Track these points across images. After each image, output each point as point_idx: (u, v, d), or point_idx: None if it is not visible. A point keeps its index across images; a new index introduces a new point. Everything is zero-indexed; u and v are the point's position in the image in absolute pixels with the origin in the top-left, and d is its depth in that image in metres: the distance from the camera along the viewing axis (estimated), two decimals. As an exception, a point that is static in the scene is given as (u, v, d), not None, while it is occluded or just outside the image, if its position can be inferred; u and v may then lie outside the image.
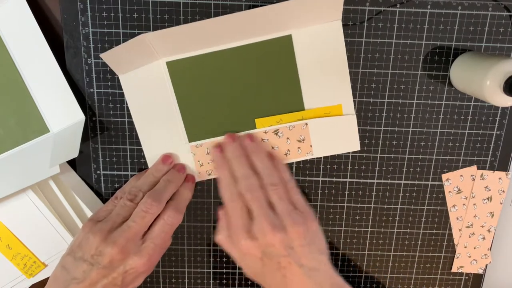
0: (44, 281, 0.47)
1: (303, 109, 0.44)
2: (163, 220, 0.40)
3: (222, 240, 0.41)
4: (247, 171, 0.41)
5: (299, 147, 0.45)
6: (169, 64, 0.42)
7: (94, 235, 0.38)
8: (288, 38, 0.42)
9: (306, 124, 0.44)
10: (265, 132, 0.44)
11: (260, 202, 0.39)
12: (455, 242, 0.49)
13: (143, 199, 0.40)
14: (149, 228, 0.40)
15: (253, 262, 0.39)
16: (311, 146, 0.45)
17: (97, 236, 0.38)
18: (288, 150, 0.45)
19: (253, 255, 0.38)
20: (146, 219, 0.39)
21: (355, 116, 0.44)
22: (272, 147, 0.45)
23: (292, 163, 0.46)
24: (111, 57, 0.40)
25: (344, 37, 0.42)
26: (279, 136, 0.44)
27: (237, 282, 0.50)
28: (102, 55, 0.39)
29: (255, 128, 0.44)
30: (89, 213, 0.46)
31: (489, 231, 0.48)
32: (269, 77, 0.43)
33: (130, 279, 0.38)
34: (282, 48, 0.42)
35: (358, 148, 0.45)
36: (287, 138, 0.44)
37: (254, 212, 0.39)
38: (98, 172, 0.46)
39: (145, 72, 0.42)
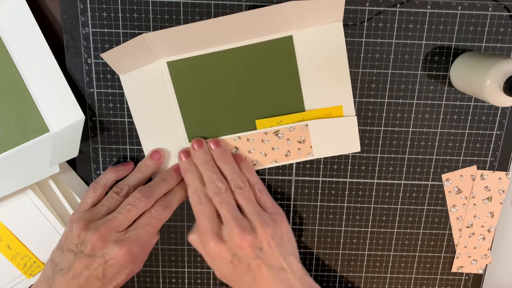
0: (44, 281, 0.47)
1: (304, 110, 0.44)
2: (150, 213, 0.40)
3: (194, 240, 0.41)
4: (213, 176, 0.41)
5: (299, 148, 0.45)
6: (170, 64, 0.42)
7: (77, 224, 0.38)
8: (289, 39, 0.42)
9: (307, 125, 0.44)
10: (265, 133, 0.44)
11: (228, 205, 0.39)
12: (455, 242, 0.49)
13: (133, 193, 0.40)
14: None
15: (223, 265, 0.39)
16: (311, 147, 0.45)
17: (80, 224, 0.38)
18: (288, 151, 0.45)
19: (222, 257, 0.39)
20: (132, 213, 0.39)
21: (355, 118, 0.44)
22: (273, 148, 0.45)
23: (292, 163, 0.46)
24: (111, 57, 0.40)
25: (344, 37, 0.42)
26: (279, 137, 0.44)
27: (237, 282, 0.50)
28: (102, 55, 0.39)
29: (255, 128, 0.44)
30: (89, 213, 0.46)
31: (489, 231, 0.48)
32: (270, 78, 0.43)
33: (111, 272, 0.38)
34: (283, 49, 0.42)
35: (358, 149, 0.45)
36: (287, 139, 0.44)
37: (222, 215, 0.39)
38: (98, 172, 0.46)
39: (145, 72, 0.42)
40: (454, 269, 0.50)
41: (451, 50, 0.43)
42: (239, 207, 0.40)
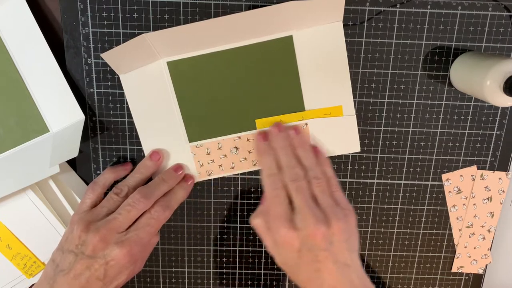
0: (44, 281, 0.47)
1: (304, 110, 0.44)
2: (150, 214, 0.40)
3: (258, 224, 0.40)
4: (293, 161, 0.40)
5: None
6: (170, 64, 0.42)
7: (77, 225, 0.38)
8: (289, 39, 0.42)
9: (306, 124, 0.44)
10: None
11: (304, 193, 0.38)
12: (455, 242, 0.49)
13: (133, 194, 0.40)
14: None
15: (289, 253, 0.37)
16: None
17: (80, 226, 0.38)
18: None
19: (291, 245, 0.37)
20: (131, 213, 0.39)
21: (355, 117, 0.44)
22: None
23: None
24: (111, 57, 0.40)
25: (344, 37, 0.42)
26: None
27: (237, 282, 0.50)
28: (103, 55, 0.39)
29: (255, 128, 0.44)
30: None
31: (489, 231, 0.48)
32: (270, 77, 0.43)
33: (112, 273, 0.38)
34: (283, 49, 0.42)
35: (358, 149, 0.45)
36: None
37: (297, 203, 0.38)
38: (98, 172, 0.46)
39: (145, 72, 0.42)
40: (454, 269, 0.50)
41: (451, 50, 0.43)
42: (312, 196, 0.39)
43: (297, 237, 0.37)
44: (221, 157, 0.45)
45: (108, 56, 0.39)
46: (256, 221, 0.40)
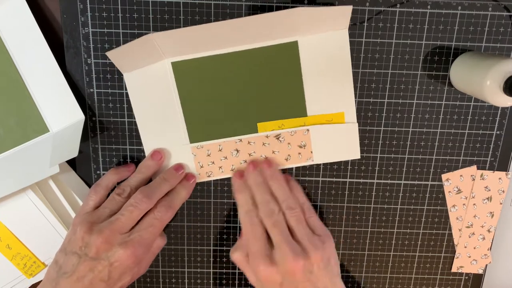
0: (44, 281, 0.47)
1: (306, 115, 0.44)
2: (153, 214, 0.40)
3: (238, 258, 0.41)
4: (267, 197, 0.42)
5: (299, 153, 0.45)
6: (174, 65, 0.42)
7: (80, 227, 0.38)
8: (294, 45, 0.42)
9: (308, 130, 0.44)
10: (267, 137, 0.44)
11: (280, 228, 0.39)
12: (455, 242, 0.49)
13: (135, 194, 0.40)
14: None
15: (271, 287, 0.39)
16: (311, 152, 0.45)
17: (83, 227, 0.38)
18: (289, 155, 0.45)
19: (272, 281, 0.38)
20: (134, 214, 0.39)
21: (356, 125, 0.44)
22: (273, 152, 0.45)
23: (292, 167, 0.46)
24: (116, 56, 0.40)
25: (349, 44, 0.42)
26: (280, 141, 0.44)
27: (237, 282, 0.50)
28: (107, 53, 0.39)
29: (257, 131, 0.44)
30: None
31: (489, 231, 0.48)
32: (273, 82, 0.43)
33: (117, 274, 0.38)
34: (288, 54, 0.42)
35: (358, 156, 0.45)
36: (288, 143, 0.44)
37: (274, 238, 0.39)
38: (98, 172, 0.46)
39: (149, 71, 0.42)
40: (454, 269, 0.50)
41: (451, 50, 0.43)
42: (288, 228, 0.41)
43: (276, 272, 0.38)
44: (221, 159, 0.45)
45: (113, 55, 0.39)
46: (236, 256, 0.41)
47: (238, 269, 0.50)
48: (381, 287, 0.51)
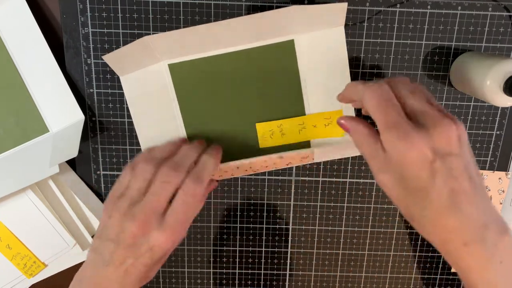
0: (44, 281, 0.47)
1: (304, 114, 0.44)
2: (182, 191, 0.36)
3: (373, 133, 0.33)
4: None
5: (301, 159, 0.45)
6: (171, 67, 0.42)
7: (115, 212, 0.36)
8: (291, 43, 0.42)
9: (312, 152, 0.44)
10: (268, 159, 0.43)
11: (421, 97, 0.32)
12: (455, 242, 0.49)
13: (161, 170, 0.37)
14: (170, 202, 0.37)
15: (417, 171, 0.30)
16: (313, 159, 0.45)
17: (118, 213, 0.36)
18: (290, 162, 0.45)
19: (422, 155, 0.29)
20: (165, 191, 0.36)
21: None
22: (274, 163, 0.45)
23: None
24: (113, 59, 0.40)
25: (346, 41, 0.42)
26: (281, 158, 0.44)
27: (237, 282, 0.50)
28: (104, 57, 0.39)
29: (255, 132, 0.44)
30: (88, 213, 0.46)
31: (489, 231, 0.48)
32: (271, 81, 0.43)
33: (157, 257, 0.36)
34: (284, 53, 0.42)
35: (357, 153, 0.45)
36: (290, 162, 0.45)
37: (416, 105, 0.31)
38: (98, 172, 0.46)
39: (146, 74, 0.42)
40: (454, 269, 0.50)
41: (451, 50, 0.43)
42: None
43: (428, 141, 0.29)
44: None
45: (109, 58, 0.39)
46: (391, 135, 0.31)
47: (238, 269, 0.50)
48: (381, 287, 0.51)
